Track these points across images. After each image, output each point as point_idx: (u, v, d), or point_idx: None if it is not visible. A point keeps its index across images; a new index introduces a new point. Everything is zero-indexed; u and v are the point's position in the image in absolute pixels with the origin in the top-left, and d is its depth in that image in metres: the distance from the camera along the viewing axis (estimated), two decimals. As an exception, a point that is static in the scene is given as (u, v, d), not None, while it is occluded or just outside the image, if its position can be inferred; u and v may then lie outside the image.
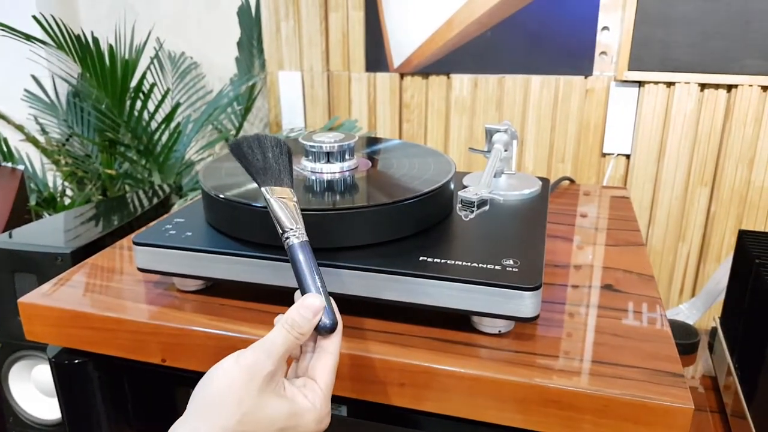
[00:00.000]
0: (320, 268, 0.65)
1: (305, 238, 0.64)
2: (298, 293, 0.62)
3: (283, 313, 0.59)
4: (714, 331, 1.16)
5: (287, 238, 0.63)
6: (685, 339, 1.21)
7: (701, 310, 1.34)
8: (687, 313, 1.36)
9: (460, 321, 0.72)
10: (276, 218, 0.65)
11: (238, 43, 2.21)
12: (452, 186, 0.86)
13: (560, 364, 0.66)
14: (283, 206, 0.65)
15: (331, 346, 0.60)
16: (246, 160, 0.70)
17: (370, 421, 0.75)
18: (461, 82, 1.86)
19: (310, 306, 0.58)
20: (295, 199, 0.67)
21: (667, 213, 1.78)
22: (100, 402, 0.86)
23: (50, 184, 2.22)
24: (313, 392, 0.57)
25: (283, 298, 0.78)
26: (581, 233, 1.02)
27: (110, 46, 1.73)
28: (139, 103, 1.89)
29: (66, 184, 2.22)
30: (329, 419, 0.58)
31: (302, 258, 0.62)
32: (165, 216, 0.89)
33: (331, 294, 0.65)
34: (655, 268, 1.83)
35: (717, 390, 1.07)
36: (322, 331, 0.59)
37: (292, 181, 0.70)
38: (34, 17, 1.62)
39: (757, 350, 0.90)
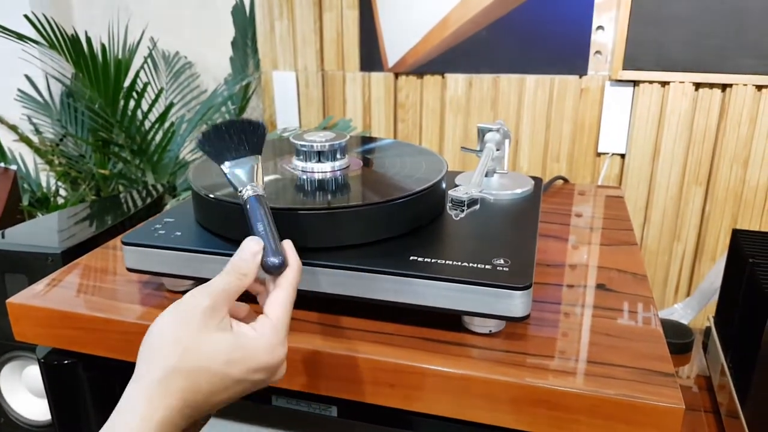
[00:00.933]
0: (311, 267, 0.65)
1: (258, 192, 0.65)
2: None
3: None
4: (708, 330, 1.16)
5: (240, 195, 0.66)
6: (680, 339, 1.20)
7: (696, 309, 1.34)
8: (682, 312, 1.35)
9: (450, 321, 0.72)
10: (231, 185, 0.68)
11: (233, 43, 2.20)
12: (444, 185, 0.86)
13: (551, 363, 0.65)
14: (238, 170, 0.68)
15: (283, 281, 0.60)
16: (208, 150, 0.71)
17: (360, 422, 0.74)
18: (456, 81, 1.86)
19: (246, 248, 0.60)
20: (258, 160, 0.70)
21: (662, 212, 1.78)
22: (89, 403, 0.86)
23: (43, 184, 2.22)
24: (261, 323, 0.57)
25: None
26: (575, 233, 1.02)
27: (103, 46, 1.73)
28: (132, 103, 1.89)
29: (59, 184, 2.22)
30: (284, 351, 0.57)
31: (251, 209, 0.64)
32: (155, 216, 0.88)
33: (321, 293, 0.65)
34: (650, 267, 1.82)
35: (711, 390, 1.07)
36: (271, 269, 0.60)
37: (255, 148, 0.71)
38: (27, 17, 1.61)
39: (750, 350, 0.89)
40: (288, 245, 0.62)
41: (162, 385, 0.51)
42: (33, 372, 1.21)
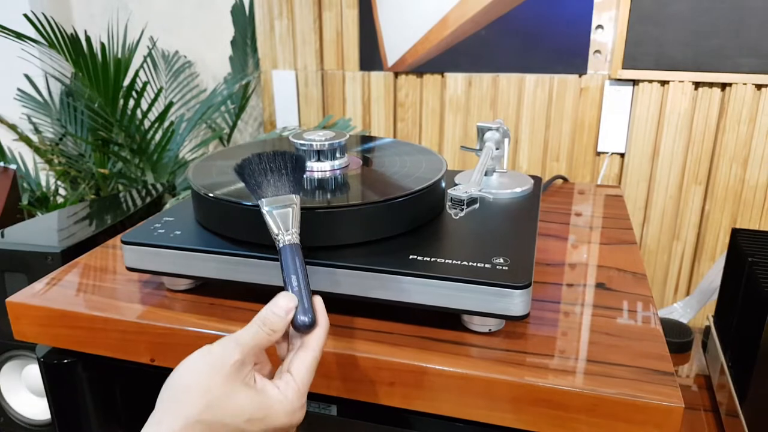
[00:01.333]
0: (311, 266, 0.64)
1: (293, 241, 0.64)
2: None
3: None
4: (708, 329, 1.16)
5: (277, 242, 0.64)
6: (679, 338, 1.20)
7: (695, 308, 1.34)
8: (681, 311, 1.36)
9: (450, 320, 0.72)
10: (268, 228, 0.65)
11: (232, 42, 2.20)
12: (443, 184, 0.86)
13: (551, 362, 0.65)
14: (277, 215, 0.66)
15: (311, 342, 0.59)
16: (246, 180, 0.70)
17: (359, 421, 0.74)
18: (455, 81, 1.86)
19: (279, 303, 0.59)
20: (296, 203, 0.67)
21: (662, 212, 1.78)
22: (89, 402, 0.86)
23: (43, 184, 2.22)
24: (285, 384, 0.57)
25: (271, 297, 0.77)
26: (575, 232, 1.02)
27: (103, 45, 1.72)
28: (132, 102, 1.89)
29: (59, 183, 2.22)
30: (302, 414, 0.57)
31: (285, 259, 0.62)
32: (155, 215, 0.88)
33: (320, 293, 0.65)
34: (650, 266, 1.82)
35: (710, 389, 1.07)
36: (300, 328, 0.59)
37: (296, 187, 0.69)
38: (26, 16, 1.61)
39: (750, 348, 0.89)
40: (319, 304, 0.62)
41: None
42: (32, 371, 1.21)
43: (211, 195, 0.77)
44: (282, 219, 0.65)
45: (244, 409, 0.53)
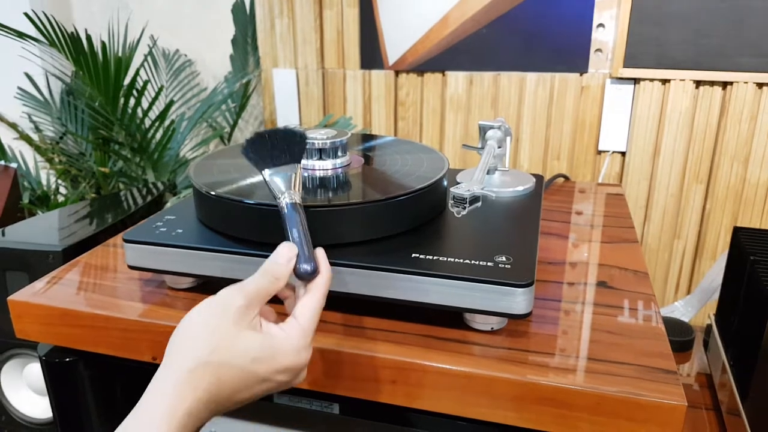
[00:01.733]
0: None
1: (296, 200, 0.66)
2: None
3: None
4: (709, 328, 1.16)
5: (279, 203, 0.66)
6: (681, 336, 1.20)
7: (696, 307, 1.34)
8: (682, 310, 1.36)
9: (452, 318, 0.72)
10: (271, 192, 0.67)
11: (233, 41, 2.20)
12: (445, 183, 0.86)
13: (554, 361, 0.65)
14: (278, 178, 0.68)
15: (314, 287, 0.61)
16: (251, 157, 0.71)
17: (362, 419, 0.74)
18: (456, 79, 1.86)
19: (280, 253, 0.61)
20: (297, 169, 0.69)
21: (663, 210, 1.78)
22: (91, 400, 0.86)
23: (44, 183, 2.21)
24: (290, 325, 0.58)
25: (274, 296, 0.77)
26: (576, 230, 1.02)
27: (103, 44, 1.72)
28: (132, 101, 1.89)
29: (60, 182, 2.22)
30: (308, 354, 0.59)
31: (286, 215, 0.65)
32: (156, 213, 0.88)
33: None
34: (651, 265, 1.82)
35: (712, 387, 1.07)
36: (303, 276, 0.61)
37: (297, 156, 0.71)
38: (27, 14, 1.61)
39: (751, 347, 0.89)
40: (320, 253, 0.63)
41: (191, 375, 0.52)
42: (34, 370, 1.21)
43: (212, 193, 0.77)
44: (284, 182, 0.67)
45: (249, 349, 0.55)
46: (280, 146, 0.70)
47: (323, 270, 0.62)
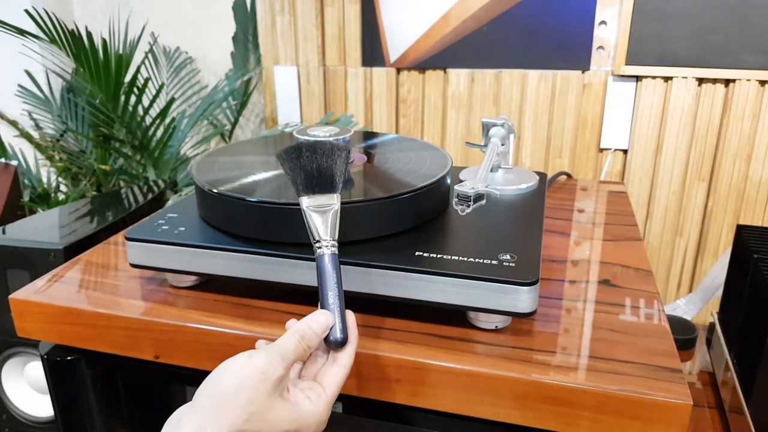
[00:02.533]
0: (315, 262, 0.65)
1: (334, 250, 0.64)
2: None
3: (290, 317, 0.62)
4: (712, 326, 1.16)
5: (316, 249, 0.64)
6: (683, 334, 1.20)
7: (699, 305, 1.34)
8: (685, 308, 1.35)
9: (456, 316, 0.72)
10: (308, 228, 0.65)
11: (234, 38, 2.20)
12: (448, 180, 0.85)
13: (557, 359, 0.65)
14: (317, 216, 0.66)
15: (345, 359, 0.61)
16: (288, 169, 0.69)
17: (366, 418, 0.74)
18: (458, 77, 1.85)
19: (319, 322, 0.60)
20: (336, 204, 0.67)
21: (665, 208, 1.77)
22: (93, 399, 0.86)
23: (44, 180, 2.21)
24: (318, 397, 0.58)
25: (276, 294, 0.77)
26: (578, 228, 1.02)
27: (104, 41, 1.72)
28: (133, 99, 1.89)
29: (60, 179, 2.21)
30: (326, 422, 0.59)
31: (325, 271, 0.63)
32: (158, 211, 0.88)
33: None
34: (653, 263, 1.82)
35: (715, 386, 1.07)
36: (333, 345, 0.60)
37: (339, 186, 0.69)
38: (27, 12, 1.61)
39: (755, 345, 0.89)
40: (351, 320, 0.63)
41: None
42: (35, 368, 1.21)
43: (214, 191, 0.77)
44: (323, 222, 0.65)
45: (280, 421, 0.55)
46: (321, 166, 0.68)
47: (352, 339, 0.62)
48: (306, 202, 0.66)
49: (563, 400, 0.62)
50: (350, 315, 0.63)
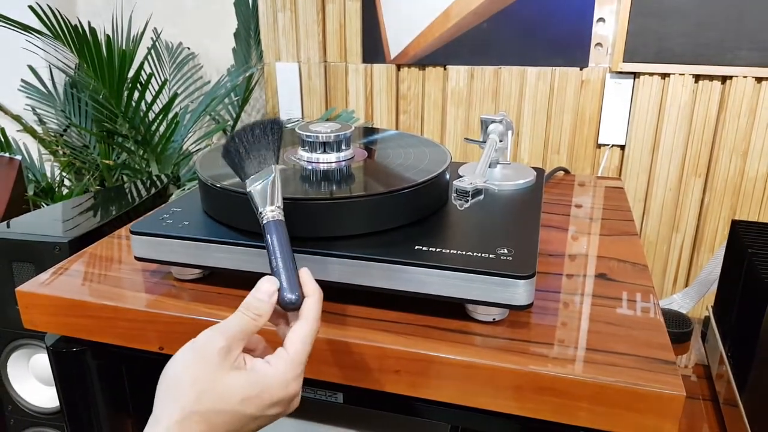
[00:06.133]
0: (318, 255, 0.66)
1: (276, 217, 0.64)
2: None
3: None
4: (707, 320, 1.17)
5: (260, 220, 0.65)
6: (678, 328, 1.21)
7: (694, 299, 1.35)
8: (680, 302, 1.36)
9: (454, 309, 0.73)
10: (252, 204, 0.66)
11: (235, 34, 2.21)
12: (448, 176, 0.86)
13: (554, 351, 0.66)
14: (258, 192, 0.67)
15: (304, 313, 0.60)
16: (232, 162, 0.70)
17: (366, 408, 0.75)
18: (458, 73, 1.87)
19: (262, 289, 0.60)
20: (274, 173, 0.68)
21: (661, 203, 1.79)
22: (98, 390, 0.87)
23: (48, 175, 2.22)
24: (277, 357, 0.57)
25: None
26: (576, 223, 1.03)
27: (107, 37, 1.73)
28: (136, 94, 1.90)
29: (64, 174, 2.22)
30: (297, 385, 0.58)
31: (266, 238, 0.63)
32: (162, 205, 0.89)
33: (327, 282, 0.66)
34: (649, 257, 1.84)
35: (709, 378, 1.08)
36: (288, 306, 0.60)
37: (274, 157, 0.70)
38: (31, 8, 1.62)
39: (749, 339, 0.90)
40: (306, 274, 0.62)
41: (181, 426, 0.52)
42: (40, 360, 1.22)
43: (218, 185, 0.78)
44: (261, 195, 0.66)
45: (234, 390, 0.54)
46: (257, 145, 0.70)
47: (311, 292, 0.61)
48: (249, 185, 0.67)
49: (560, 391, 0.63)
50: (304, 271, 0.62)
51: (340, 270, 0.72)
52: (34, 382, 1.25)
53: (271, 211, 0.65)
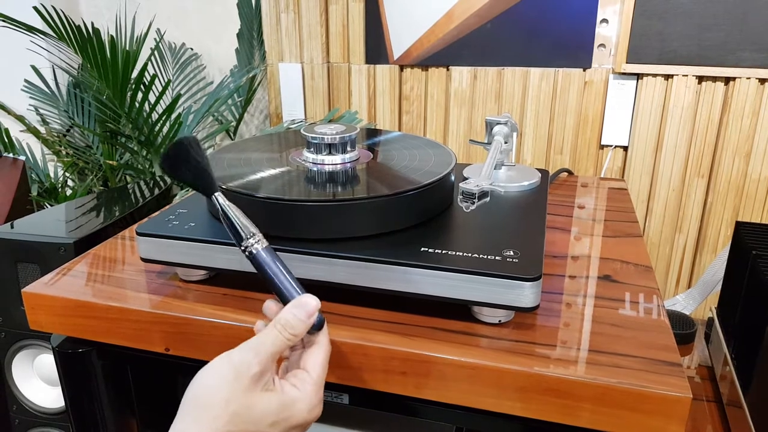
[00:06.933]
0: (326, 257, 0.68)
1: (264, 244, 0.64)
2: (272, 300, 0.64)
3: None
4: (711, 321, 1.17)
5: (254, 243, 0.63)
6: (682, 329, 1.22)
7: (698, 300, 1.35)
8: (684, 303, 1.37)
9: (460, 311, 0.73)
10: (239, 224, 0.64)
11: (239, 35, 2.21)
12: (453, 177, 0.87)
13: (559, 353, 0.67)
14: (236, 209, 0.65)
15: (323, 339, 0.61)
16: (182, 171, 0.66)
17: (371, 409, 0.76)
18: (461, 74, 1.87)
19: (305, 306, 0.60)
20: (221, 201, 0.66)
21: (665, 204, 1.79)
22: (103, 391, 0.87)
23: (51, 175, 2.22)
24: (302, 381, 0.58)
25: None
26: (579, 224, 1.03)
27: (111, 37, 1.73)
28: (140, 95, 1.90)
29: (67, 174, 2.23)
30: (321, 408, 0.59)
31: (267, 267, 0.63)
32: (168, 206, 0.89)
33: (334, 284, 0.67)
34: (653, 258, 1.84)
35: (713, 380, 1.08)
36: (313, 330, 0.61)
37: (211, 179, 0.67)
38: (36, 8, 1.62)
39: (753, 341, 0.91)
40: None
41: None
42: (45, 360, 1.23)
43: (223, 187, 0.78)
44: (244, 216, 0.65)
45: (266, 414, 0.55)
46: (204, 162, 0.66)
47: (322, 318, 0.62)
48: (222, 197, 0.65)
49: (565, 393, 0.63)
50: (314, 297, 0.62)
51: (346, 272, 0.72)
52: (38, 382, 1.25)
53: (255, 242, 0.63)
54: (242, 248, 0.63)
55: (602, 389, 0.62)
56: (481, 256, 0.70)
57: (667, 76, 1.69)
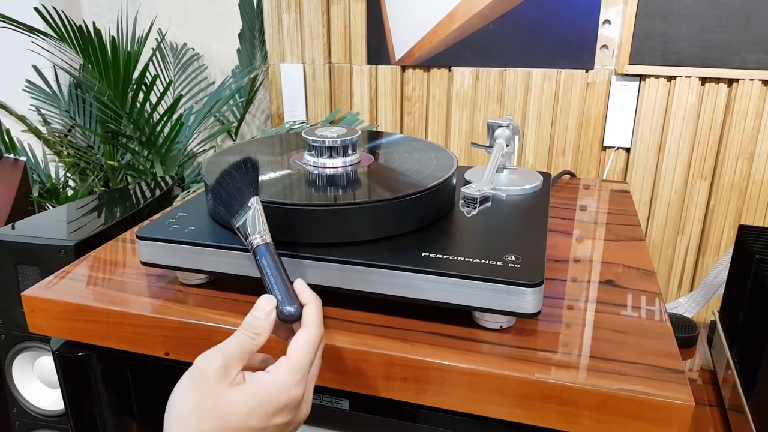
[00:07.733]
0: (325, 262, 0.68)
1: (264, 241, 0.66)
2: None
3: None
4: (713, 325, 1.17)
5: (252, 241, 0.66)
6: (684, 332, 1.21)
7: (700, 303, 1.35)
8: (686, 306, 1.36)
9: (461, 316, 0.73)
10: (243, 235, 0.68)
11: (240, 35, 2.21)
12: (454, 181, 0.86)
13: (561, 359, 0.66)
14: (241, 225, 0.68)
15: (305, 320, 0.60)
16: (221, 208, 0.73)
17: (372, 415, 0.75)
18: (462, 75, 1.86)
19: (259, 307, 0.61)
20: (254, 205, 0.69)
21: (667, 206, 1.78)
22: (103, 394, 0.87)
23: (52, 175, 2.22)
24: (277, 365, 0.57)
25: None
26: (581, 227, 1.03)
27: (112, 38, 1.73)
28: (141, 95, 1.90)
29: (68, 175, 2.23)
30: (299, 390, 0.57)
31: (259, 261, 0.65)
32: (168, 210, 0.89)
33: (333, 289, 0.66)
34: (654, 261, 1.83)
35: (715, 383, 1.08)
36: (289, 319, 0.61)
37: (252, 191, 0.71)
38: (37, 9, 1.62)
39: (756, 345, 0.90)
40: (301, 285, 0.63)
41: None
42: (45, 363, 1.22)
43: (225, 191, 0.77)
44: (245, 226, 0.68)
45: (236, 406, 0.54)
46: (235, 185, 0.71)
47: (308, 300, 0.62)
48: (235, 222, 0.69)
49: (566, 400, 0.63)
50: (298, 282, 0.64)
51: (346, 276, 0.72)
52: (38, 384, 1.25)
53: (258, 237, 0.66)
54: (251, 240, 0.66)
55: (604, 396, 0.61)
56: (482, 261, 0.69)
57: (670, 78, 1.68)
